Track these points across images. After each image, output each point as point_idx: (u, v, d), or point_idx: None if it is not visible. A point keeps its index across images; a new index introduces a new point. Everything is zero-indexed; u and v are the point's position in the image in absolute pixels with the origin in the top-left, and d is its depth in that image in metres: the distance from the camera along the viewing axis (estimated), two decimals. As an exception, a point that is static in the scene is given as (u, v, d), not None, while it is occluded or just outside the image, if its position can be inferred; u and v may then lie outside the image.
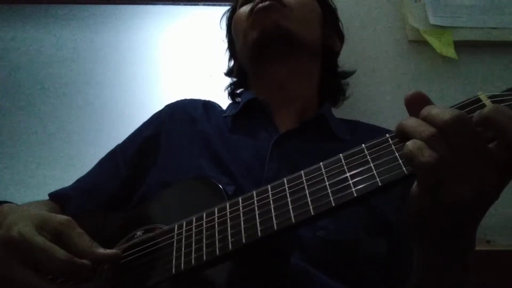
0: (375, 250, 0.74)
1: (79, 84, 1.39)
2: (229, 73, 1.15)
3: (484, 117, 0.44)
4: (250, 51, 0.96)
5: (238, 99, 1.09)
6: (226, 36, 1.16)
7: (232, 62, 1.15)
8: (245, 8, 0.98)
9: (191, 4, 1.47)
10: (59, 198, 0.94)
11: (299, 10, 0.95)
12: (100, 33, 1.44)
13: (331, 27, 1.06)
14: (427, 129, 0.45)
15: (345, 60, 1.11)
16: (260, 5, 0.92)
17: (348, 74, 1.11)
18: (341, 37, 1.10)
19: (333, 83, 1.08)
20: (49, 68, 1.40)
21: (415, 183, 0.47)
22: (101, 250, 0.60)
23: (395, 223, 0.77)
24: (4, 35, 1.44)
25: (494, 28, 1.28)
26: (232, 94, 1.12)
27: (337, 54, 1.09)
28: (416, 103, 0.48)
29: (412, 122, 0.47)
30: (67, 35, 1.44)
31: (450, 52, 1.25)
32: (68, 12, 1.46)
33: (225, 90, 1.13)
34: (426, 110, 0.46)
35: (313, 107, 0.98)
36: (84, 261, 0.58)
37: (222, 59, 1.21)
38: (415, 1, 1.31)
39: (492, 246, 1.12)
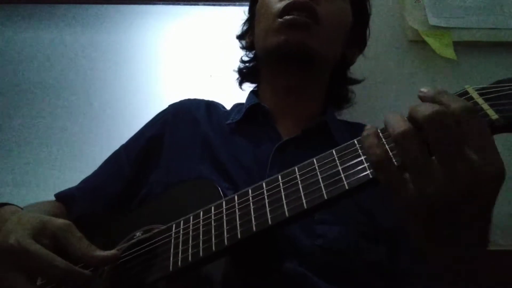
0: (375, 257, 0.74)
1: (79, 84, 1.39)
2: (240, 37, 1.12)
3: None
4: (266, 52, 0.93)
5: (244, 88, 1.09)
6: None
7: (247, 27, 1.11)
8: None
9: (191, 4, 1.47)
10: (64, 199, 0.95)
11: (330, 29, 0.90)
12: (100, 33, 1.44)
13: (355, 38, 1.02)
14: (401, 127, 0.45)
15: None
16: (293, 18, 0.86)
17: (356, 81, 1.09)
18: (362, 46, 1.07)
19: (341, 90, 1.06)
20: (49, 68, 1.40)
21: None
22: (100, 253, 0.60)
23: (393, 229, 0.77)
24: (4, 35, 1.44)
25: (493, 28, 1.28)
26: (242, 79, 1.11)
27: (351, 63, 1.06)
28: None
29: (391, 118, 0.47)
30: (67, 35, 1.44)
31: (449, 53, 1.25)
32: (68, 12, 1.46)
33: (235, 71, 1.12)
34: (412, 106, 0.47)
35: (317, 113, 0.96)
36: (85, 271, 0.58)
37: (222, 59, 1.21)
38: (415, 2, 1.31)
39: (492, 246, 1.12)
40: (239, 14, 1.13)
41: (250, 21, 1.09)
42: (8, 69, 1.40)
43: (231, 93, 1.13)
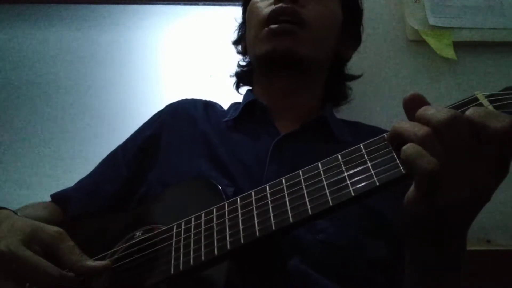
0: (376, 253, 0.74)
1: (79, 84, 1.39)
2: (235, 42, 1.13)
3: (466, 119, 0.44)
4: (257, 59, 0.94)
5: (242, 92, 1.08)
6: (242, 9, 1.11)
7: (241, 32, 1.11)
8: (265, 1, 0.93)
9: (191, 4, 1.47)
10: (60, 200, 0.94)
11: (318, 30, 0.90)
12: (100, 33, 1.44)
13: (348, 35, 1.01)
14: (422, 129, 0.45)
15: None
16: (278, 26, 0.87)
17: (354, 77, 1.09)
18: (356, 43, 1.06)
19: (338, 87, 1.06)
20: (49, 68, 1.40)
21: (412, 187, 0.47)
22: (90, 263, 0.60)
23: (395, 225, 0.77)
24: (4, 35, 1.44)
25: (493, 28, 1.28)
26: (238, 83, 1.12)
27: (347, 60, 1.06)
28: (414, 105, 0.48)
29: (405, 124, 0.47)
30: (67, 35, 1.44)
31: (449, 53, 1.25)
32: (68, 12, 1.46)
33: (232, 76, 1.13)
34: (422, 111, 0.46)
35: (315, 110, 0.96)
36: (78, 277, 0.58)
37: (222, 59, 1.20)
38: (415, 2, 1.31)
39: (492, 246, 1.12)
40: (239, 14, 1.13)
41: (244, 26, 1.09)
42: (8, 69, 1.40)
43: (231, 93, 1.13)
